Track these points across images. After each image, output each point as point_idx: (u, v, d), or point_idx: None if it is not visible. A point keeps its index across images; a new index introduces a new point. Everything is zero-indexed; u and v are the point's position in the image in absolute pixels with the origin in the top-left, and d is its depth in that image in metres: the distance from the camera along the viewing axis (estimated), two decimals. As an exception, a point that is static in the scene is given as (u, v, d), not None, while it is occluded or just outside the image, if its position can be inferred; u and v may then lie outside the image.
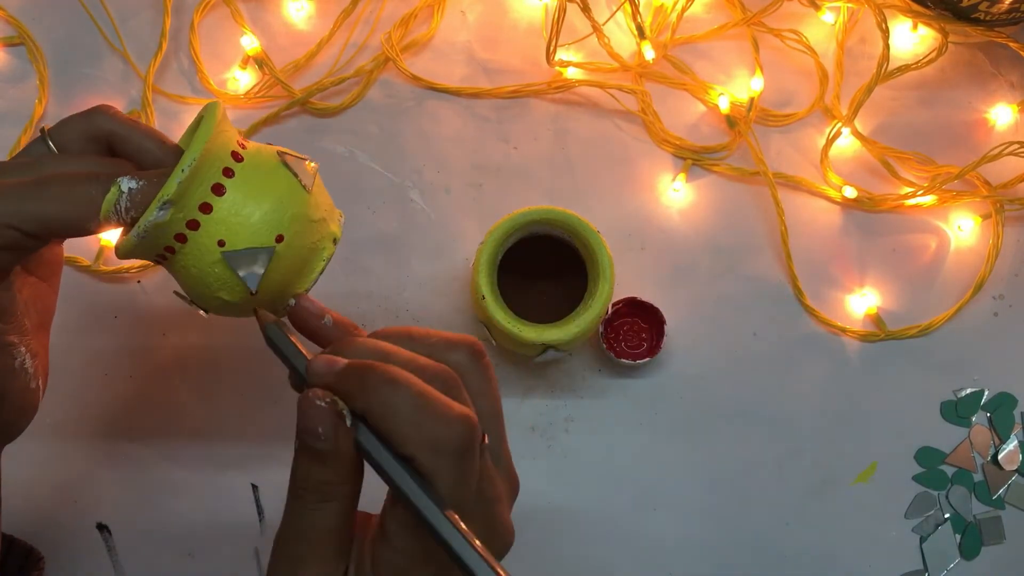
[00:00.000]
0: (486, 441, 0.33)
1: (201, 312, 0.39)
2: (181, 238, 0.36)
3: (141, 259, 0.38)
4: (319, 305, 0.37)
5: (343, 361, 0.32)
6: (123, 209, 0.34)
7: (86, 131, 0.38)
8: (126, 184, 0.35)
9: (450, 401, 0.31)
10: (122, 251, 0.36)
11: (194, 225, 0.35)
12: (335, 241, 0.39)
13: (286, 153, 0.38)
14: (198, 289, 0.37)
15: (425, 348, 0.34)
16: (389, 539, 0.32)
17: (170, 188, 0.34)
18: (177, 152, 0.38)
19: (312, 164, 0.39)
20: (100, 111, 0.39)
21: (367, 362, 0.32)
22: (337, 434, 0.31)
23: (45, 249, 0.39)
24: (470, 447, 0.30)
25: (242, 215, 0.35)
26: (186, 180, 0.34)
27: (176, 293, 0.39)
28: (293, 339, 0.35)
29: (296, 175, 0.37)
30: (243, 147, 0.37)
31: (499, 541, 0.34)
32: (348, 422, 0.31)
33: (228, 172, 0.36)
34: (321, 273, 0.39)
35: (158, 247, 0.36)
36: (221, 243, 0.35)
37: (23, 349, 0.37)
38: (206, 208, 0.35)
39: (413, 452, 0.30)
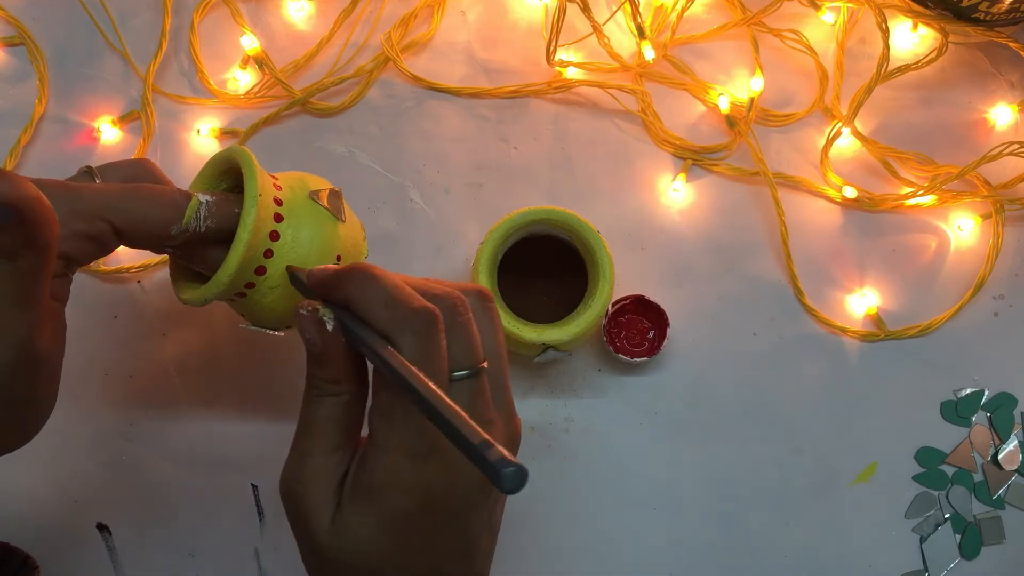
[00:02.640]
0: (485, 365, 0.36)
1: (279, 333, 0.44)
2: (261, 270, 0.41)
3: (223, 298, 0.43)
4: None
5: (333, 267, 0.38)
6: (203, 216, 0.40)
7: (127, 175, 0.42)
8: (203, 197, 0.40)
9: (416, 295, 0.35)
10: (209, 292, 0.41)
11: (261, 271, 0.41)
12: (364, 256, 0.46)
13: (314, 191, 0.43)
14: (276, 314, 0.43)
15: (436, 285, 0.38)
16: (374, 438, 0.35)
17: (253, 191, 0.40)
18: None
19: (336, 190, 0.44)
20: (145, 160, 0.43)
21: (353, 263, 0.37)
22: (322, 337, 0.35)
23: (53, 310, 0.42)
24: (431, 330, 0.34)
25: (299, 250, 0.41)
26: (252, 203, 0.40)
27: (244, 327, 0.44)
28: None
29: (329, 210, 0.43)
30: (279, 189, 0.42)
31: (431, 432, 0.36)
32: (329, 327, 0.35)
33: (277, 217, 0.41)
34: None
35: (236, 288, 0.41)
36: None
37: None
38: (268, 254, 0.41)
39: (384, 330, 0.34)
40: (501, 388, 0.37)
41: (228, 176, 0.44)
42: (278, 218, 0.41)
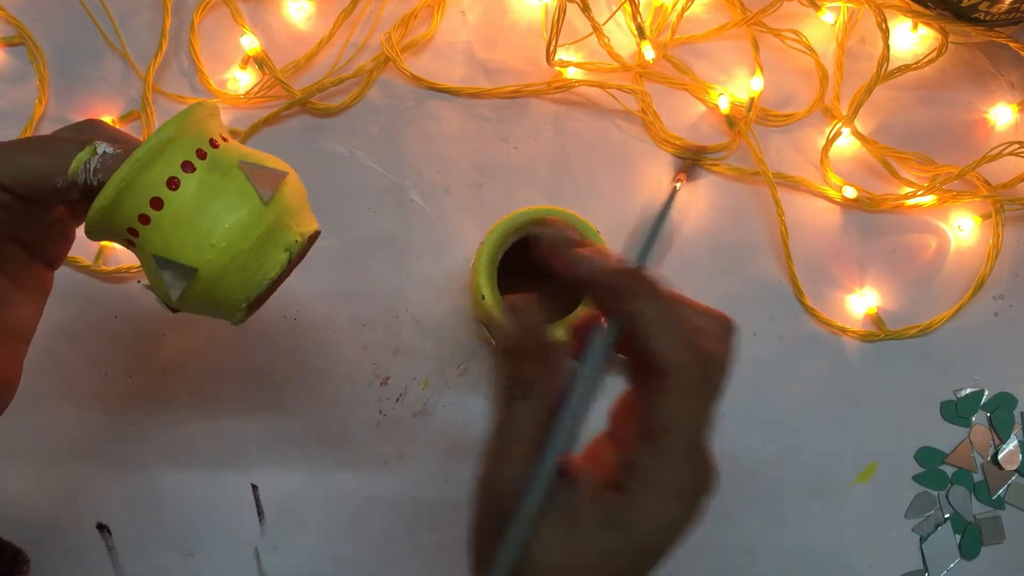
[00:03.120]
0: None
1: (169, 311, 0.39)
2: (133, 232, 0.36)
3: (108, 240, 0.38)
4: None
5: (613, 264, 0.34)
6: (92, 169, 0.35)
7: (77, 136, 0.39)
8: (102, 148, 0.36)
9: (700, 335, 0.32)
10: (87, 223, 0.37)
11: (144, 219, 0.36)
12: (290, 251, 0.38)
13: (248, 162, 0.37)
14: (153, 284, 0.38)
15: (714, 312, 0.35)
16: (643, 474, 0.32)
17: (140, 152, 0.35)
18: None
19: (281, 172, 0.38)
20: (91, 121, 0.40)
21: (631, 267, 0.34)
22: (525, 330, 0.33)
23: (35, 272, 0.41)
24: (720, 381, 0.32)
25: (183, 219, 0.36)
26: (150, 154, 0.35)
27: (141, 284, 0.39)
28: None
29: (254, 185, 0.37)
30: (215, 146, 0.37)
31: (702, 473, 0.33)
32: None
33: (188, 166, 0.36)
34: (275, 283, 0.39)
35: (120, 228, 0.37)
36: (154, 247, 0.36)
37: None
38: (157, 203, 0.36)
39: (671, 371, 0.31)
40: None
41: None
42: (188, 167, 0.36)
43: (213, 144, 0.37)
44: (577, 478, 0.33)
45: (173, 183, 0.36)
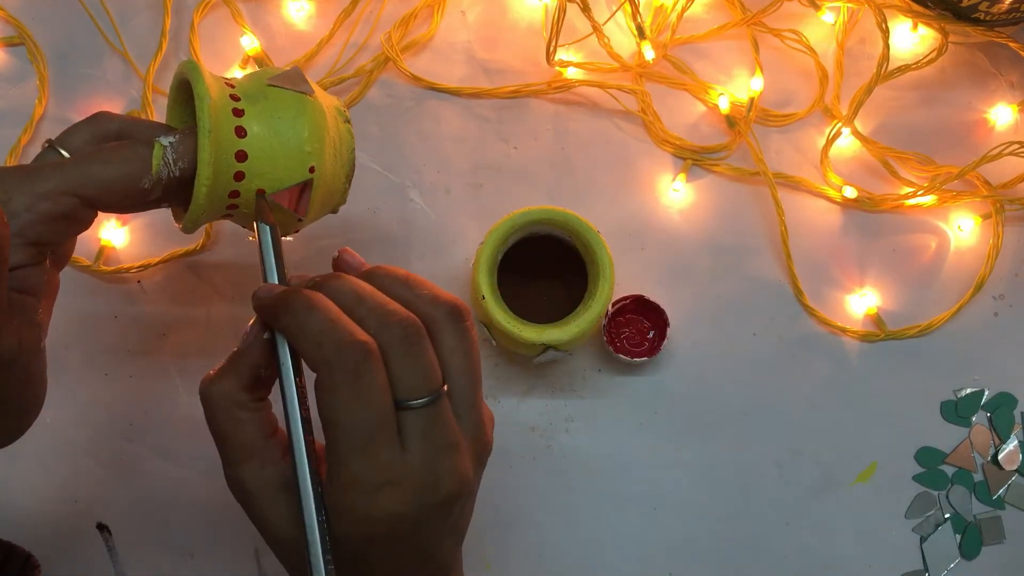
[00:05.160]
0: (445, 388, 0.36)
1: (288, 238, 0.42)
2: (234, 194, 0.39)
3: (210, 219, 0.41)
4: (359, 259, 0.40)
5: (279, 289, 0.37)
6: (171, 160, 0.37)
7: (95, 133, 0.40)
8: (165, 139, 0.38)
9: (356, 329, 0.34)
10: (192, 214, 0.39)
11: (239, 176, 0.38)
12: (348, 119, 0.43)
13: (272, 75, 0.40)
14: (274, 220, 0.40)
15: (411, 295, 0.37)
16: (328, 470, 0.35)
17: (204, 123, 0.37)
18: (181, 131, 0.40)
19: (295, 69, 0.41)
20: (102, 114, 0.41)
21: (294, 288, 0.36)
22: (255, 336, 0.37)
23: (51, 277, 0.41)
24: (362, 367, 0.34)
25: (271, 151, 0.39)
26: (212, 121, 0.37)
27: (253, 239, 0.41)
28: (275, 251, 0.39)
29: (293, 89, 0.40)
30: (232, 86, 0.40)
31: (440, 485, 0.36)
32: (265, 335, 0.37)
33: (238, 112, 0.39)
34: (353, 153, 0.43)
35: (222, 198, 0.39)
36: (261, 192, 0.39)
37: (43, 333, 0.39)
38: (241, 156, 0.38)
39: (315, 367, 0.34)
40: (469, 407, 0.37)
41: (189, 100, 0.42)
42: (238, 113, 0.39)
43: (231, 85, 0.40)
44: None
45: (240, 131, 0.38)
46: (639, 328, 0.56)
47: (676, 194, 0.59)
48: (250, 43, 0.58)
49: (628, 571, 0.56)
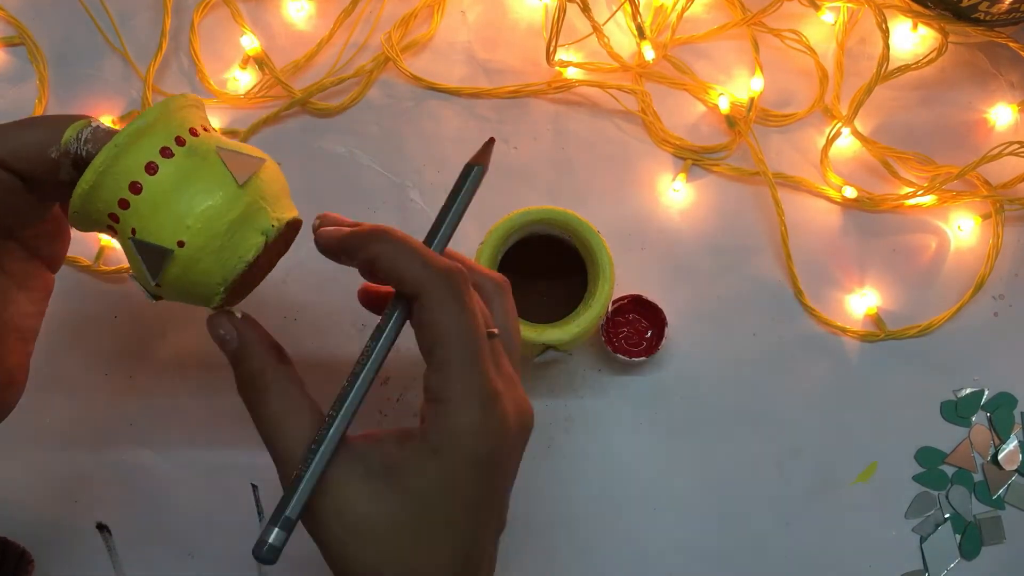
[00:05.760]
0: (496, 331, 0.38)
1: (151, 299, 0.39)
2: (114, 217, 0.37)
3: (90, 228, 0.39)
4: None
5: (350, 223, 0.38)
6: (83, 139, 0.37)
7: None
8: (96, 123, 0.37)
9: (440, 255, 0.36)
10: (72, 206, 0.37)
11: (124, 204, 0.37)
12: (266, 235, 0.38)
13: (226, 149, 0.38)
14: (133, 269, 0.38)
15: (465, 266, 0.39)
16: (437, 395, 0.35)
17: (119, 136, 0.36)
18: None
19: (259, 158, 0.39)
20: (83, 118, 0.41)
21: (371, 225, 0.37)
22: (237, 327, 0.38)
23: (35, 271, 0.41)
24: (465, 287, 0.35)
25: (161, 203, 0.36)
26: (129, 138, 0.36)
27: (129, 276, 0.40)
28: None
29: (229, 169, 0.37)
30: (195, 134, 0.38)
31: (526, 406, 0.37)
32: (238, 315, 0.38)
33: (167, 152, 0.37)
34: (255, 268, 0.39)
35: (102, 214, 0.37)
36: (133, 231, 0.37)
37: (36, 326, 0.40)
38: (136, 188, 0.36)
39: (419, 289, 0.35)
40: (514, 364, 0.38)
41: None
42: (166, 152, 0.37)
43: (193, 133, 0.38)
44: (372, 440, 0.36)
45: (151, 168, 0.36)
46: (637, 328, 0.56)
47: (676, 194, 0.59)
48: (250, 43, 0.58)
49: (628, 571, 0.56)
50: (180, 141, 0.37)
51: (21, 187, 0.37)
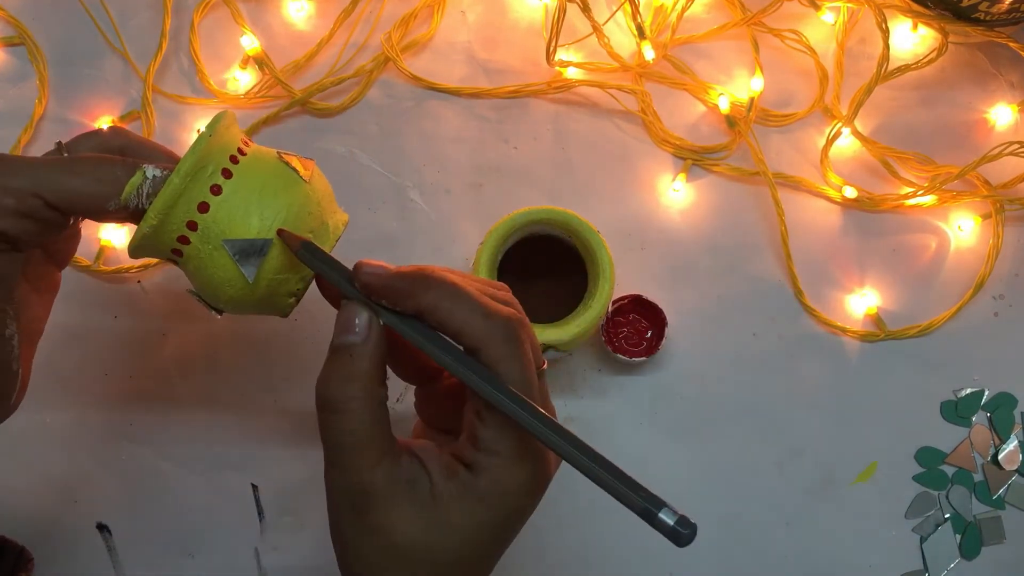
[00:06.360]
0: (544, 367, 0.37)
1: (215, 314, 0.40)
2: (184, 239, 0.37)
3: (153, 256, 0.39)
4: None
5: (393, 268, 0.35)
6: (144, 195, 0.36)
7: (100, 144, 0.40)
8: (151, 171, 0.36)
9: (496, 303, 0.34)
10: (133, 244, 0.37)
11: (193, 226, 0.37)
12: (337, 229, 0.40)
13: (284, 153, 0.39)
14: (206, 289, 0.38)
15: (502, 294, 0.38)
16: (486, 446, 0.34)
17: (178, 173, 0.36)
18: None
19: (310, 160, 0.40)
20: (114, 128, 0.41)
21: (422, 267, 0.35)
22: (372, 328, 0.35)
23: (48, 272, 0.41)
24: (524, 336, 0.34)
25: (238, 213, 0.37)
26: (187, 174, 0.36)
27: (190, 292, 0.40)
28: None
29: (293, 168, 0.39)
30: (243, 153, 0.39)
31: (558, 460, 0.38)
32: (381, 320, 0.35)
33: (226, 173, 0.37)
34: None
35: (165, 245, 0.37)
36: (222, 234, 0.37)
37: (13, 325, 0.38)
38: (204, 207, 0.37)
39: (480, 344, 0.33)
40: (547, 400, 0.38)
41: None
42: (227, 174, 0.37)
43: (241, 152, 0.39)
44: (422, 460, 0.35)
45: (216, 189, 0.37)
46: (637, 328, 0.56)
47: (676, 194, 0.59)
48: (250, 43, 0.58)
49: (628, 571, 0.56)
50: (234, 159, 0.38)
51: (64, 220, 0.37)
